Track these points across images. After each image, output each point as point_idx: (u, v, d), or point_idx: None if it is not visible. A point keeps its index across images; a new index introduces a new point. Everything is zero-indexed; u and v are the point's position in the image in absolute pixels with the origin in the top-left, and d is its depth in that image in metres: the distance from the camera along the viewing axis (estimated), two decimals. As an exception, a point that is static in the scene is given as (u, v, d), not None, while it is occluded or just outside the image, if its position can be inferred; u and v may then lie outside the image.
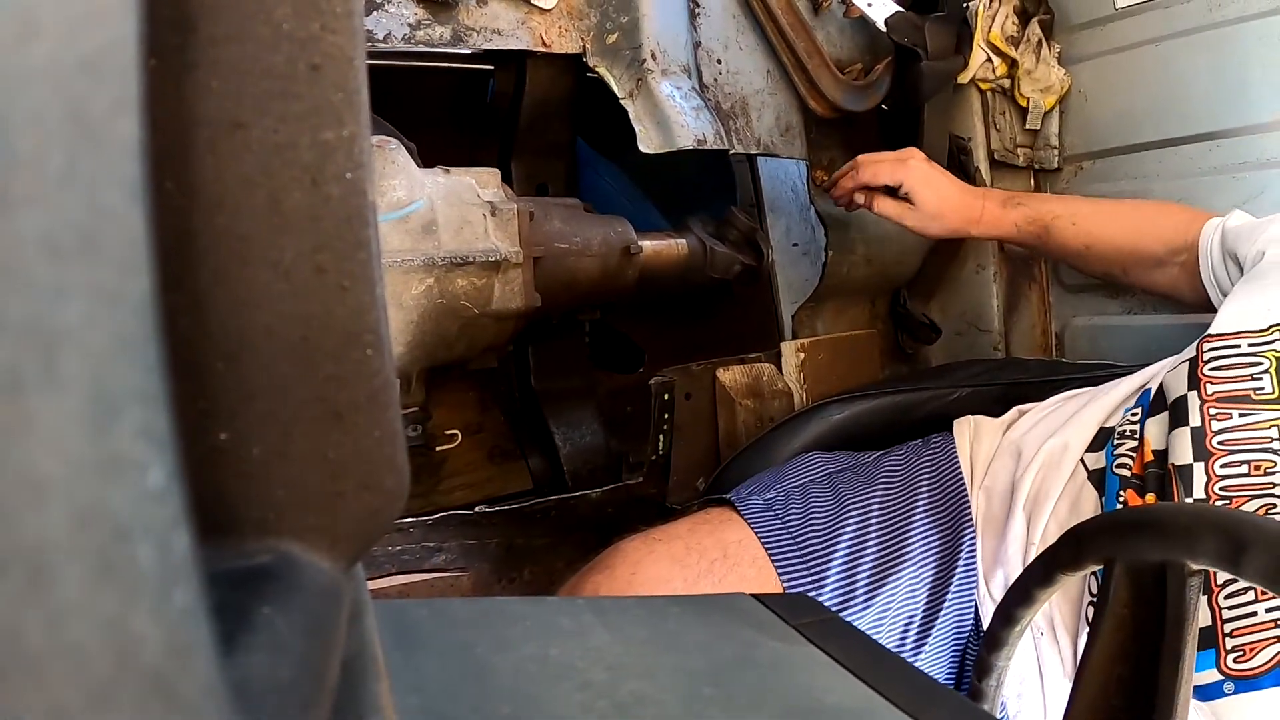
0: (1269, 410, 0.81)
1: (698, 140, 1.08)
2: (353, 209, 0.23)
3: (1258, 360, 0.83)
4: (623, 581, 0.86)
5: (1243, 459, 0.80)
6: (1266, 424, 0.80)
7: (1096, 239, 1.17)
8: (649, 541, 0.90)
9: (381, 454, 0.25)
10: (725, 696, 0.41)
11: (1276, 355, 0.83)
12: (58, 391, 0.13)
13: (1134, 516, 0.67)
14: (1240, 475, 0.80)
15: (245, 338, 0.22)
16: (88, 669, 0.13)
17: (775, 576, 0.89)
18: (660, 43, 1.10)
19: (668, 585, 0.86)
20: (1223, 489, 0.81)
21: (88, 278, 0.13)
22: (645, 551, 0.88)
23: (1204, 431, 0.84)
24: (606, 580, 0.87)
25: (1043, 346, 1.49)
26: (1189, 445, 0.85)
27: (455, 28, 1.00)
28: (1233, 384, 0.84)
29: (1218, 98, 1.24)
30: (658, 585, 0.86)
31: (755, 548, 0.90)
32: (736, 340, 1.43)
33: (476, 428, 1.27)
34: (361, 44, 0.23)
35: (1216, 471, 0.82)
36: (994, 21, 1.39)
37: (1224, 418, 0.83)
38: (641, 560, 0.87)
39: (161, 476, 0.14)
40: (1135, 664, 0.59)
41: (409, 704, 0.35)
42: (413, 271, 0.83)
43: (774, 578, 0.89)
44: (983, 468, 1.01)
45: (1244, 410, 0.82)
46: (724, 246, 1.15)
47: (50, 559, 0.12)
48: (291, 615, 0.21)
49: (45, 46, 0.13)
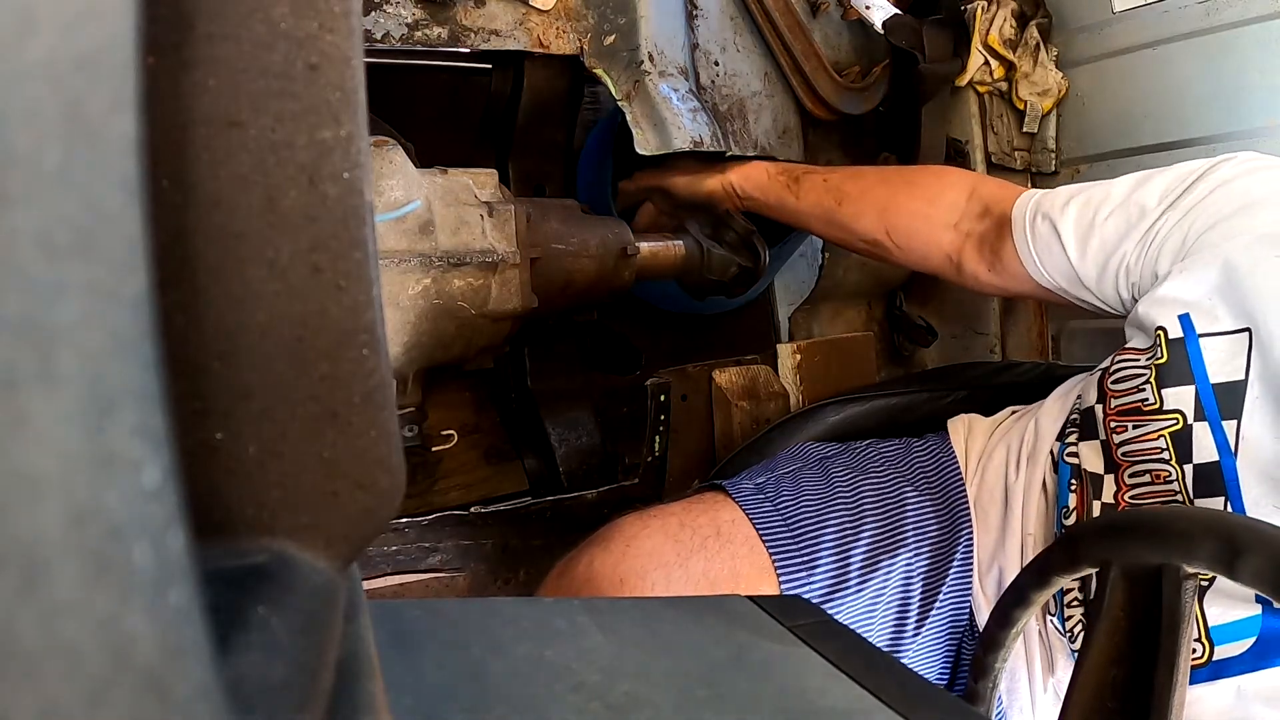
0: (1156, 420, 0.81)
1: (694, 142, 1.08)
2: (349, 208, 0.23)
3: (1143, 371, 0.83)
4: (616, 555, 0.86)
5: (1144, 469, 0.82)
6: (1155, 434, 0.81)
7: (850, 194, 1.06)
8: (644, 517, 0.90)
9: (377, 454, 0.25)
10: (719, 698, 0.41)
11: (1156, 363, 0.81)
12: (53, 389, 0.13)
13: (1130, 520, 0.67)
14: (1145, 484, 0.82)
15: (241, 337, 0.22)
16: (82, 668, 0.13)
17: (767, 557, 0.89)
18: (658, 44, 1.10)
19: (661, 559, 0.86)
20: (1132, 498, 0.83)
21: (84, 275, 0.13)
22: (640, 526, 0.89)
23: (1109, 444, 0.85)
24: (601, 553, 0.87)
25: (1039, 349, 1.50)
26: (1100, 456, 0.86)
27: (453, 28, 1.00)
28: (1127, 396, 0.84)
29: (1215, 102, 1.25)
30: (651, 559, 0.86)
31: (748, 527, 0.90)
32: (733, 342, 1.43)
33: (472, 428, 1.27)
34: (359, 44, 0.23)
35: (1126, 481, 0.83)
36: (992, 24, 1.39)
37: (1121, 430, 0.83)
38: (636, 535, 0.88)
39: (157, 475, 0.14)
40: (1131, 666, 0.59)
41: (404, 704, 0.35)
42: (410, 272, 0.83)
43: (766, 558, 0.89)
44: (976, 463, 1.01)
45: (1137, 422, 0.82)
46: (721, 248, 1.15)
47: (45, 557, 0.12)
48: (286, 615, 0.21)
49: (43, 43, 0.13)
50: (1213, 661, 0.75)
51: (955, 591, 0.94)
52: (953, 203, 1.01)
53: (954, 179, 1.03)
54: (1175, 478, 0.79)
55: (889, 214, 1.04)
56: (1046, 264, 0.93)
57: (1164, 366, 0.80)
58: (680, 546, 0.87)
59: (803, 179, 1.10)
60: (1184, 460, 0.79)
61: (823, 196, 1.08)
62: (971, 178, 1.03)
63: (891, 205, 1.04)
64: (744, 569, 0.88)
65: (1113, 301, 0.91)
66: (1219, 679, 0.75)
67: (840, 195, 1.06)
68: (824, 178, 1.09)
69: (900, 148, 1.41)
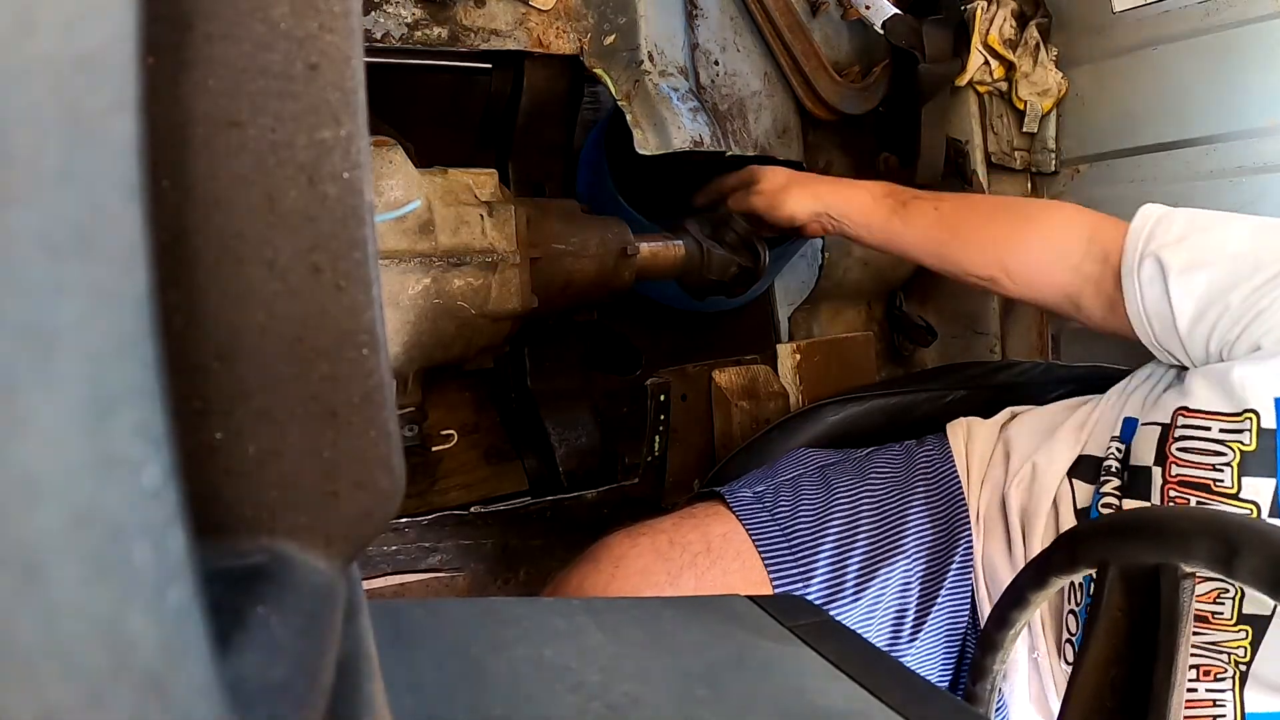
0: (1226, 504, 0.76)
1: (694, 142, 1.08)
2: (349, 208, 0.23)
3: (1223, 451, 0.77)
4: (606, 575, 0.86)
5: None
6: None
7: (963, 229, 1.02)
8: (633, 536, 0.90)
9: (377, 454, 0.25)
10: (718, 698, 0.41)
11: (1241, 447, 0.76)
12: (54, 389, 0.13)
13: (1128, 520, 0.67)
14: None
15: (240, 336, 0.22)
16: (82, 668, 0.13)
17: (760, 570, 0.89)
18: (658, 44, 1.10)
19: (650, 579, 0.86)
20: None
21: (84, 276, 0.13)
22: (629, 546, 0.89)
23: None
24: (591, 574, 0.87)
25: (1039, 349, 1.49)
26: None
27: (453, 28, 1.00)
28: (1196, 469, 0.79)
29: (1215, 102, 1.25)
30: (640, 579, 0.86)
31: (741, 541, 0.90)
32: (732, 342, 1.43)
33: (472, 428, 1.27)
34: (359, 44, 0.23)
35: None
36: (992, 24, 1.39)
37: (1182, 502, 0.79)
38: (625, 555, 0.88)
39: (157, 475, 0.14)
40: (1129, 666, 0.59)
41: (404, 704, 0.35)
42: (410, 272, 0.83)
43: (758, 570, 0.89)
44: (979, 468, 1.01)
45: (1201, 499, 0.78)
46: (721, 249, 1.15)
47: (45, 557, 0.12)
48: (286, 615, 0.21)
49: (43, 43, 0.13)
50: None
51: (953, 596, 0.94)
52: (1074, 245, 0.95)
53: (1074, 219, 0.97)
54: None
55: (1007, 252, 0.99)
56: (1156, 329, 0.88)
57: (1250, 455, 0.75)
58: (670, 564, 0.88)
59: (911, 205, 1.05)
60: None
61: (933, 228, 1.03)
62: (1090, 219, 0.96)
63: (1009, 243, 0.99)
64: (735, 584, 0.88)
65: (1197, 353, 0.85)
66: None
67: (953, 228, 1.02)
68: (934, 205, 1.04)
69: (900, 148, 1.41)
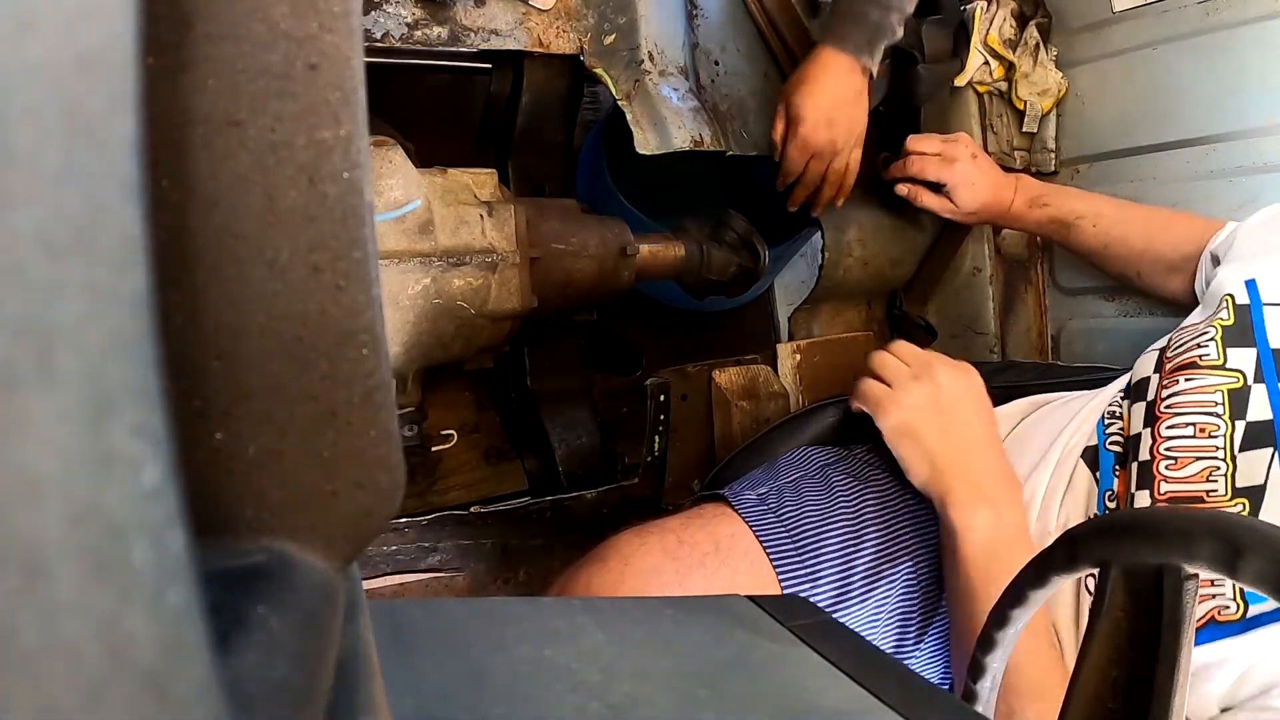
0: (1214, 375, 0.84)
1: (694, 141, 1.08)
2: (349, 208, 0.23)
3: (1206, 329, 0.87)
4: (614, 574, 0.86)
5: (1188, 421, 0.83)
6: (1212, 388, 0.83)
7: (1114, 240, 1.22)
8: (641, 535, 0.90)
9: (376, 453, 0.25)
10: (719, 698, 0.41)
11: (1221, 323, 0.86)
12: (53, 389, 0.13)
13: (1129, 519, 0.67)
14: (1185, 437, 0.83)
15: (240, 336, 0.22)
16: (82, 668, 0.13)
17: (768, 570, 0.89)
18: (658, 44, 1.10)
19: (659, 577, 0.86)
20: (1167, 449, 0.83)
21: (84, 275, 0.13)
22: (637, 545, 0.88)
23: (1155, 400, 0.87)
24: (599, 573, 0.87)
25: (1039, 349, 1.49)
26: (1141, 415, 0.89)
27: (453, 28, 1.00)
28: (1186, 352, 0.87)
29: (1214, 102, 1.25)
30: (649, 578, 0.86)
31: (748, 541, 0.90)
32: (732, 342, 1.43)
33: (472, 428, 1.27)
34: (359, 43, 0.23)
35: (1162, 433, 0.84)
36: (991, 24, 1.39)
37: (1172, 384, 0.86)
38: (634, 553, 0.87)
39: (157, 475, 0.14)
40: (1131, 667, 0.59)
41: (404, 704, 0.35)
42: (409, 271, 0.83)
43: (766, 571, 0.89)
44: None
45: (1189, 375, 0.85)
46: (721, 248, 1.15)
47: (44, 557, 0.12)
48: (286, 615, 0.21)
49: (42, 42, 0.13)
50: (1246, 618, 0.75)
51: None
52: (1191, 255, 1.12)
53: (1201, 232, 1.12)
54: (1223, 432, 0.81)
55: (1140, 260, 1.20)
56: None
57: (1230, 328, 0.86)
58: (678, 564, 0.87)
59: (1073, 227, 1.24)
60: (1238, 416, 0.81)
61: (1089, 241, 1.24)
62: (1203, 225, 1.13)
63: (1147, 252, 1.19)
64: (744, 584, 0.87)
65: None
66: (1250, 631, 0.75)
67: (1106, 241, 1.23)
68: (1092, 224, 1.23)
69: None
